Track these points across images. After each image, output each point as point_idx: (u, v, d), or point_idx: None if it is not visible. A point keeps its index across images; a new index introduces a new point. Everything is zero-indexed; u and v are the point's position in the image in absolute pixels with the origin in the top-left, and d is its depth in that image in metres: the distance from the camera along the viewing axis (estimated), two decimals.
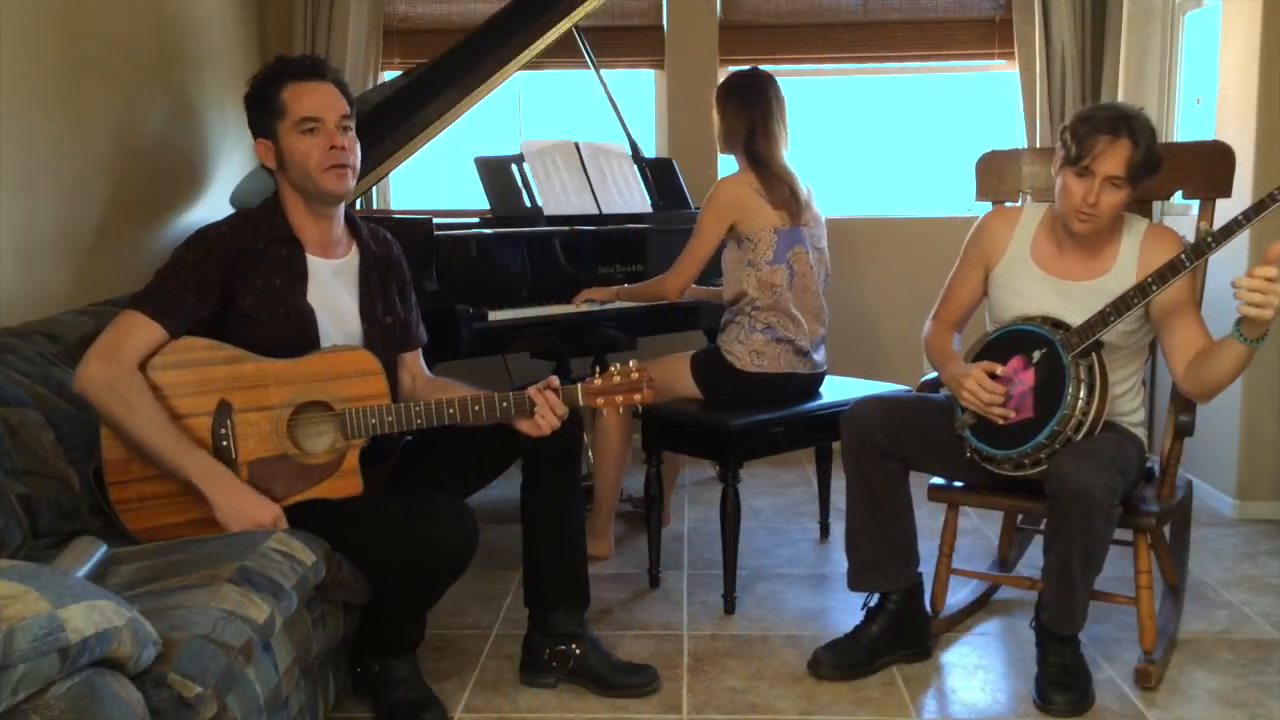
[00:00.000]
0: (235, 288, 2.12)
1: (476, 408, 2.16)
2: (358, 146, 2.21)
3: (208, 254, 2.11)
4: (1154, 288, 2.19)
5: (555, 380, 2.22)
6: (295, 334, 2.15)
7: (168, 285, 2.08)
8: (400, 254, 2.40)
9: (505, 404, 2.17)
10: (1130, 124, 2.22)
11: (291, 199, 2.20)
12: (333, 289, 2.22)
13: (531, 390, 2.18)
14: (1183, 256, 2.16)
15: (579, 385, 2.23)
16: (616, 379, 2.24)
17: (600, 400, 2.23)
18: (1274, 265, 2.01)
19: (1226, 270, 2.23)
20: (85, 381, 2.01)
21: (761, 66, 3.06)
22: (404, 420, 2.13)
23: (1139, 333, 2.39)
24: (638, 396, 2.24)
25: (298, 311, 2.16)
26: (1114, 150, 2.21)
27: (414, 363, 2.42)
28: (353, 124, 2.19)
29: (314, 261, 2.21)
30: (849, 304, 4.32)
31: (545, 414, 2.18)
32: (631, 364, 2.26)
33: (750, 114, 2.90)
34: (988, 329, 2.50)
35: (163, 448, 2.01)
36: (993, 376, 2.33)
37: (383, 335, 2.29)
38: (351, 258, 2.28)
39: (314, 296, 2.19)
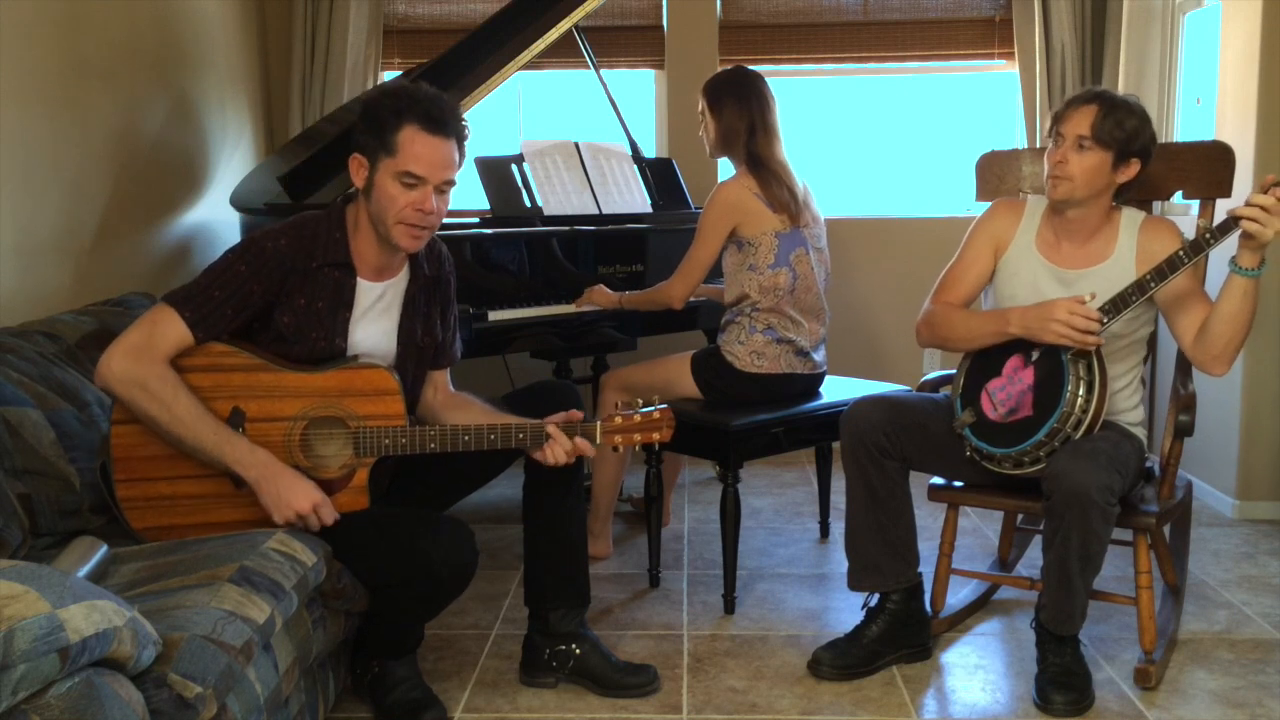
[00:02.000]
0: (276, 304, 2.10)
1: (492, 436, 2.15)
2: (448, 205, 2.14)
3: (260, 270, 2.07)
4: (1152, 285, 2.20)
5: (578, 414, 2.21)
6: (321, 358, 2.13)
7: (213, 294, 2.05)
8: (451, 271, 2.36)
9: (521, 435, 2.16)
10: (1105, 95, 2.30)
11: (363, 223, 2.14)
12: (374, 312, 2.20)
13: (550, 427, 2.17)
14: (1180, 253, 2.16)
15: (598, 423, 2.22)
16: (637, 418, 2.22)
17: (618, 438, 2.22)
18: None
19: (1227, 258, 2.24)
20: (110, 377, 1.99)
21: (762, 66, 3.05)
22: (418, 444, 2.12)
23: (1138, 321, 2.39)
24: (656, 436, 2.22)
25: (329, 337, 2.13)
26: (1081, 113, 2.29)
27: (440, 377, 2.40)
28: (454, 185, 2.12)
29: (362, 286, 2.17)
30: (849, 304, 4.32)
31: (556, 450, 2.17)
32: (655, 399, 2.25)
33: (749, 112, 2.88)
34: None
35: (202, 439, 2.00)
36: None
37: (416, 356, 2.27)
38: (400, 279, 2.24)
39: (354, 321, 2.17)
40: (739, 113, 2.89)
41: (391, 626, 2.19)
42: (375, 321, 2.20)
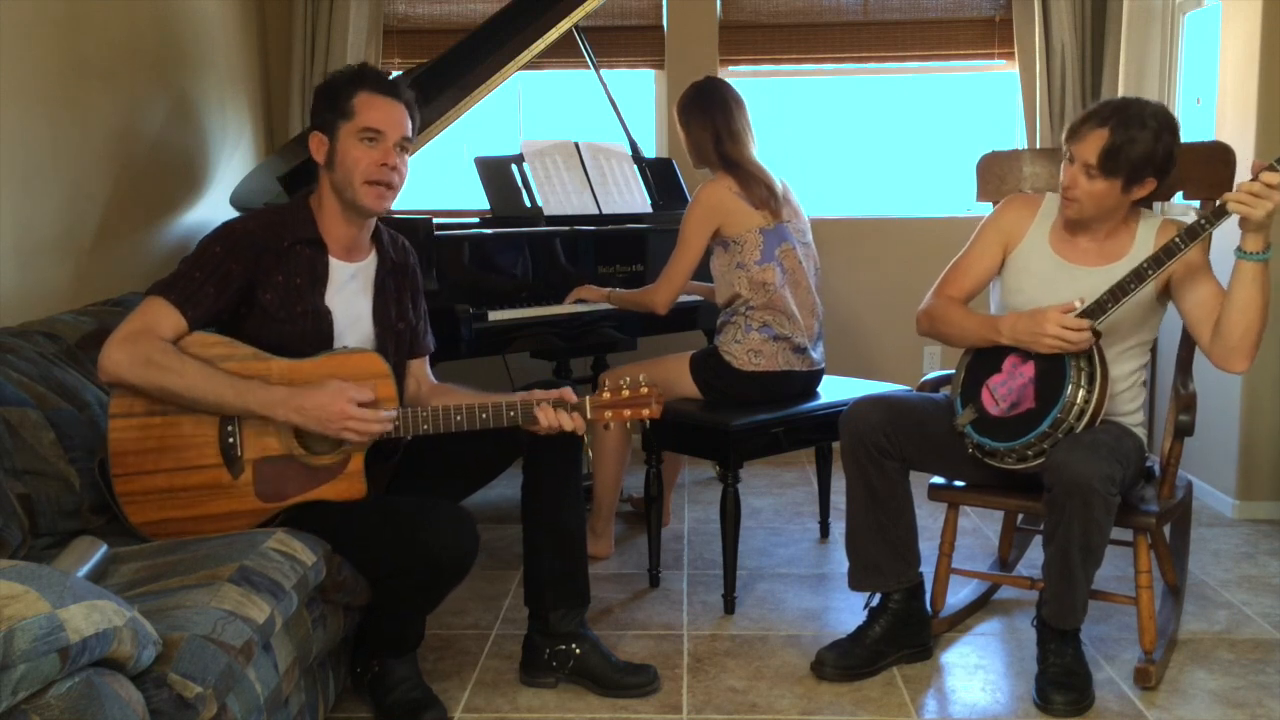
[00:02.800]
0: (257, 283, 2.13)
1: (484, 415, 2.15)
2: (407, 170, 2.23)
3: (234, 248, 2.12)
4: (1149, 272, 2.20)
5: (569, 393, 2.19)
6: (312, 333, 2.16)
7: (194, 275, 2.09)
8: (416, 263, 2.42)
9: (513, 413, 2.17)
10: (1121, 115, 2.23)
11: (327, 199, 2.21)
12: (349, 292, 2.24)
13: (541, 408, 2.16)
14: (1177, 240, 2.18)
15: (586, 399, 2.21)
16: (625, 393, 2.21)
17: (608, 414, 2.21)
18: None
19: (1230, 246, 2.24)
20: (113, 367, 2.01)
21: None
22: (411, 425, 2.12)
23: (1145, 325, 2.39)
24: (646, 412, 2.22)
25: (315, 312, 2.17)
26: (1091, 138, 2.24)
27: (419, 368, 2.42)
28: (411, 147, 2.22)
29: (334, 264, 2.22)
30: (848, 304, 4.32)
31: (549, 414, 2.16)
32: (641, 378, 2.24)
33: (712, 119, 2.93)
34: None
35: (223, 395, 2.02)
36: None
37: (395, 340, 2.30)
38: (370, 262, 2.29)
39: (331, 299, 2.20)
40: (703, 124, 2.94)
41: (392, 619, 2.19)
42: (351, 302, 2.24)
